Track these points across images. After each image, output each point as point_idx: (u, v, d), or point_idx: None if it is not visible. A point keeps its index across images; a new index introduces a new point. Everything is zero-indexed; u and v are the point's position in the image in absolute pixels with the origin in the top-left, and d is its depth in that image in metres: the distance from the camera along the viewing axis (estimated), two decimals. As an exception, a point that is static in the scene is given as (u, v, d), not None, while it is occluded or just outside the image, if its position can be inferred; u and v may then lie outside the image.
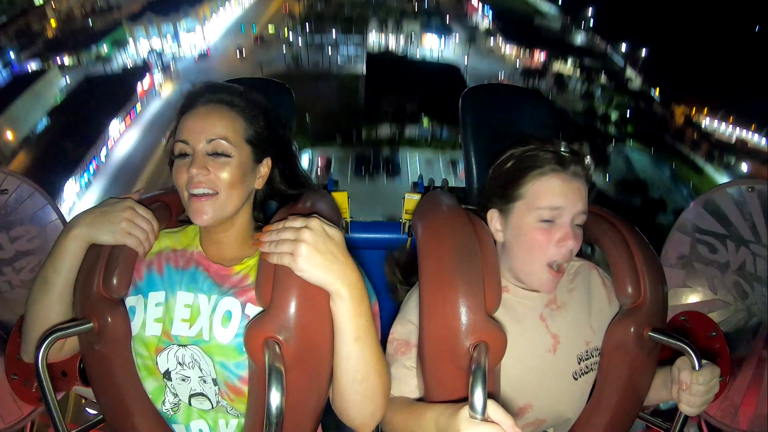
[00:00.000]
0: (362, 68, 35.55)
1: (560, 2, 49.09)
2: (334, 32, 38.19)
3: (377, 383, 0.77)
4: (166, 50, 38.40)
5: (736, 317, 1.23)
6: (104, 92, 30.17)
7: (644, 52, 38.99)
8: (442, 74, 33.53)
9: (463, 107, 1.24)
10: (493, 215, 0.93)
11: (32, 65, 33.97)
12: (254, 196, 0.91)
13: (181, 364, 0.82)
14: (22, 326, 0.88)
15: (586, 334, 0.94)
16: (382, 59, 36.42)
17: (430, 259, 0.84)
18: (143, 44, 38.32)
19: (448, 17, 44.16)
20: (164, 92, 33.79)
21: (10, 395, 1.19)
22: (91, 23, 41.49)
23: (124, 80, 32.63)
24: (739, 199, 1.23)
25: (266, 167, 0.89)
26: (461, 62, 37.69)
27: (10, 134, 25.26)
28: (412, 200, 1.34)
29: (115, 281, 0.81)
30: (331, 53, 38.28)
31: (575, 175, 0.87)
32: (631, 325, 0.91)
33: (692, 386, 0.81)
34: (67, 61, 35.81)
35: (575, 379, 0.92)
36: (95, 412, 1.56)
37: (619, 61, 41.10)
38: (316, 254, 0.68)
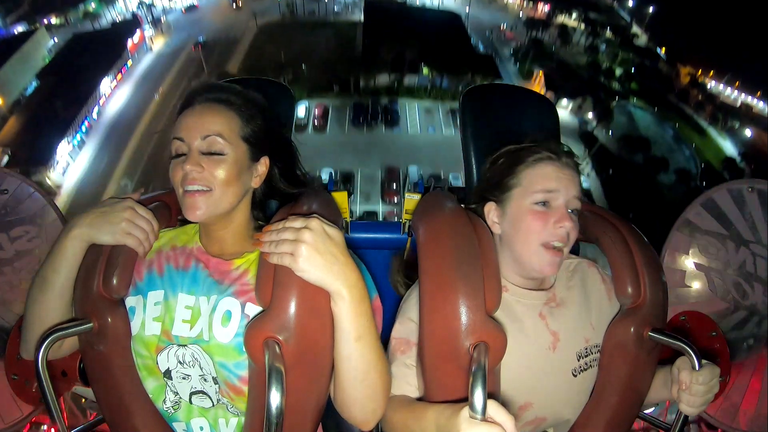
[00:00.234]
0: (360, 16, 33.99)
1: None
2: None
3: (379, 381, 0.78)
4: (156, 3, 36.61)
5: (736, 317, 1.23)
6: (94, 50, 29.03)
7: (651, 9, 37.60)
8: (442, 23, 32.16)
9: (463, 107, 1.24)
10: (490, 208, 0.95)
11: (19, 28, 32.53)
12: (253, 194, 0.91)
13: (181, 362, 0.82)
14: (21, 325, 0.88)
15: (585, 331, 0.95)
16: (380, 6, 34.47)
17: (430, 259, 0.84)
18: None
19: None
20: (156, 46, 32.62)
21: (10, 395, 1.19)
22: None
23: (113, 36, 31.28)
24: (739, 199, 1.23)
25: (264, 166, 0.89)
26: (462, 11, 36.05)
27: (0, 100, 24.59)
28: (412, 200, 1.34)
29: (115, 281, 0.81)
30: (327, 0, 36.62)
31: (567, 164, 0.90)
32: (631, 325, 0.91)
33: (692, 386, 0.81)
34: (54, 20, 34.23)
35: (574, 376, 0.92)
36: (95, 412, 1.56)
37: (625, 16, 39.61)
38: (316, 255, 0.69)
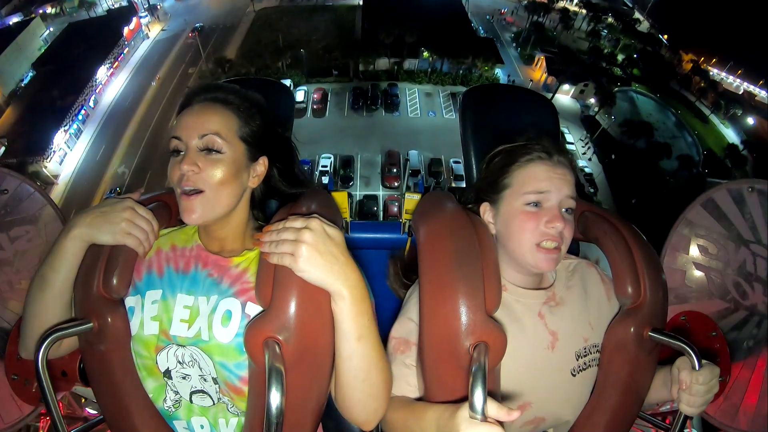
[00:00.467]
0: (358, 0, 33.38)
1: None
2: None
3: (380, 381, 0.78)
4: None
5: (736, 317, 1.23)
6: (89, 37, 29.00)
7: None
8: (442, 6, 31.48)
9: (463, 107, 1.24)
10: (485, 208, 0.95)
11: (14, 19, 32.38)
12: (252, 194, 0.91)
13: (180, 363, 0.82)
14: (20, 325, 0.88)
15: (584, 330, 0.95)
16: None
17: (430, 259, 0.84)
18: None
19: None
20: (152, 33, 32.51)
21: (10, 395, 1.19)
22: None
23: (109, 24, 31.14)
24: (739, 199, 1.23)
25: (262, 166, 0.89)
26: None
27: None
28: (412, 200, 1.34)
29: (115, 281, 0.81)
30: None
31: (560, 162, 0.90)
32: (631, 325, 0.91)
33: (692, 386, 0.81)
34: (49, 10, 34.08)
35: (573, 375, 0.92)
36: (95, 412, 1.56)
37: (628, 2, 39.26)
38: (316, 255, 0.69)
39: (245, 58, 26.76)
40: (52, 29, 31.74)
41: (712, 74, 32.64)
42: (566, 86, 26.56)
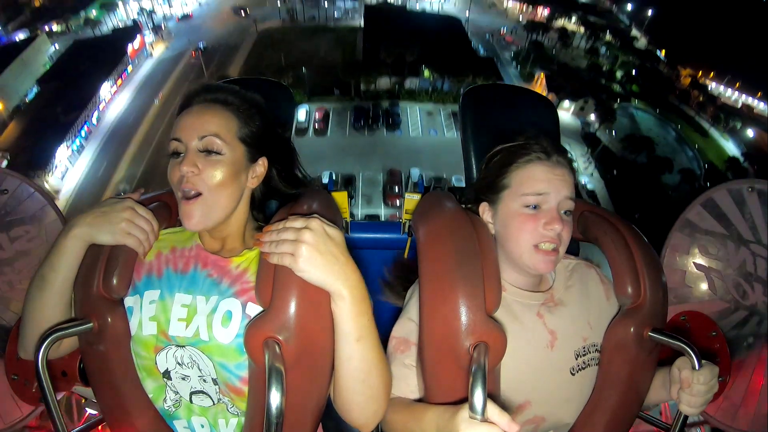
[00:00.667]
0: (360, 22, 34.30)
1: None
2: None
3: (379, 383, 0.78)
4: (156, 10, 37.43)
5: (736, 317, 1.22)
6: (94, 55, 29.46)
7: (650, 12, 38.16)
8: (443, 26, 32.43)
9: (463, 107, 1.24)
10: (484, 208, 0.95)
11: (20, 35, 33.10)
12: (252, 195, 0.91)
13: (180, 364, 0.82)
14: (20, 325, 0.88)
15: (583, 330, 0.95)
16: (380, 11, 35.09)
17: (430, 259, 0.84)
18: (133, 5, 37.24)
19: None
20: (156, 52, 33.18)
21: (10, 395, 1.19)
22: None
23: (114, 42, 31.72)
24: (739, 199, 1.23)
25: (262, 167, 0.89)
26: (462, 16, 36.50)
27: (0, 105, 24.93)
28: (412, 200, 1.34)
29: (115, 281, 0.81)
30: (327, 6, 37.09)
31: (559, 162, 0.90)
32: (631, 325, 0.91)
33: (692, 386, 0.81)
34: (55, 27, 34.89)
35: (572, 374, 0.92)
36: (95, 412, 1.56)
37: (625, 20, 40.09)
38: (316, 255, 0.68)
39: (248, 76, 27.34)
40: (57, 46, 32.27)
41: (710, 88, 33.17)
42: (566, 103, 26.89)
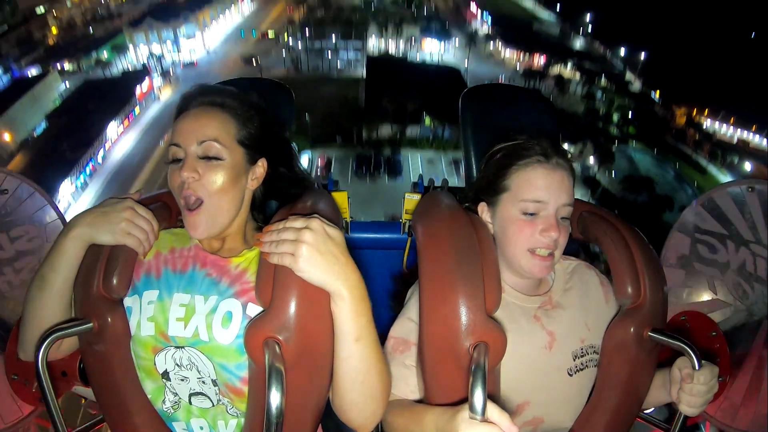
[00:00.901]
0: (362, 72, 35.90)
1: (558, 9, 50.74)
2: (333, 37, 38.63)
3: (378, 383, 0.77)
4: (165, 56, 38.98)
5: (736, 317, 1.23)
6: (103, 95, 30.37)
7: (643, 55, 39.87)
8: (442, 76, 33.60)
9: (463, 107, 1.24)
10: (483, 208, 0.96)
11: (32, 71, 34.51)
12: (252, 195, 0.91)
13: (178, 365, 0.82)
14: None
15: (581, 331, 0.95)
16: (382, 61, 36.80)
17: (430, 259, 0.84)
18: (143, 49, 38.96)
19: (447, 23, 45.03)
20: (163, 96, 34.29)
21: (10, 395, 1.19)
22: (91, 30, 42.61)
23: (123, 84, 32.86)
24: (739, 199, 1.23)
25: (262, 168, 0.89)
26: (462, 65, 38.05)
27: (7, 136, 25.58)
28: (412, 200, 1.34)
29: (115, 281, 0.81)
30: (330, 57, 38.77)
31: (558, 165, 0.90)
32: (631, 325, 0.91)
33: (692, 386, 0.81)
34: (67, 66, 36.37)
35: (570, 375, 0.92)
36: (95, 412, 1.56)
37: (618, 64, 41.78)
38: (316, 255, 0.68)
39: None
40: (68, 84, 33.42)
41: (705, 125, 33.91)
42: (565, 146, 27.75)
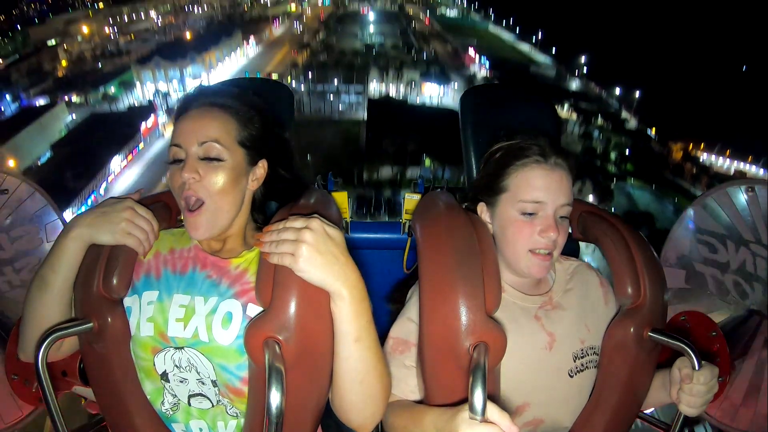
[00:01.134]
0: (363, 115, 36.83)
1: (554, 51, 52.80)
2: (335, 81, 39.66)
3: (377, 384, 0.77)
4: (171, 94, 39.77)
5: (736, 317, 1.23)
6: (108, 129, 30.87)
7: (637, 94, 41.05)
8: (442, 118, 33.96)
9: (463, 107, 1.24)
10: (482, 208, 0.96)
11: (41, 101, 35.30)
12: (252, 196, 0.91)
13: (177, 366, 0.82)
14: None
15: (581, 332, 0.95)
16: (382, 103, 37.90)
17: (429, 259, 0.84)
18: (150, 86, 39.92)
19: (446, 68, 46.64)
20: (167, 133, 34.89)
21: (10, 395, 1.19)
22: (100, 65, 44.07)
23: (128, 119, 33.35)
24: (738, 199, 1.23)
25: (262, 169, 0.89)
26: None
27: (12, 162, 25.95)
28: (412, 200, 1.34)
29: (115, 281, 0.81)
30: (333, 100, 39.79)
31: (557, 165, 0.90)
32: (631, 325, 0.91)
33: (692, 386, 0.81)
34: (74, 98, 37.24)
35: (570, 376, 0.92)
36: (95, 412, 1.56)
37: (614, 104, 42.93)
38: (316, 255, 0.68)
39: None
40: (74, 116, 34.23)
41: (702, 159, 34.64)
42: None
